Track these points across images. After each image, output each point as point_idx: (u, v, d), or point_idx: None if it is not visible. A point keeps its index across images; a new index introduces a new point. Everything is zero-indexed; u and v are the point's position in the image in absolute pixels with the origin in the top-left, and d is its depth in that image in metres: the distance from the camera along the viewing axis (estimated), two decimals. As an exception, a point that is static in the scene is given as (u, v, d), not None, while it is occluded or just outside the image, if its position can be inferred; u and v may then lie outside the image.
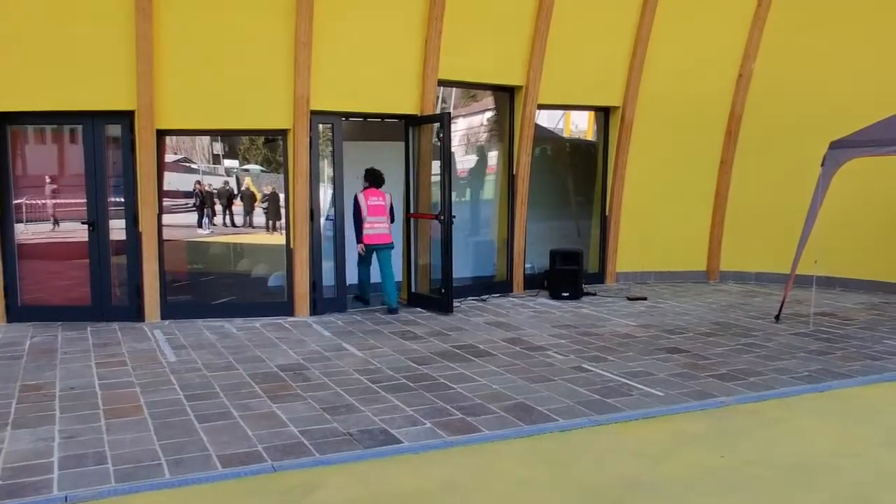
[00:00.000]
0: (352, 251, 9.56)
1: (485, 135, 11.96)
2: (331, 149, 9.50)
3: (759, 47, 11.18)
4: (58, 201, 9.12)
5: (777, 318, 8.96)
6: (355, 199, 9.40)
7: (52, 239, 9.18)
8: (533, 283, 11.00)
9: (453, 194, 9.56)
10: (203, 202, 11.43)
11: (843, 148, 8.42)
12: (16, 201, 8.76)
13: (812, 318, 8.81)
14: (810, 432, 5.36)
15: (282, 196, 9.41)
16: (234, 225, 13.08)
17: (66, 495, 4.24)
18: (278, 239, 9.69)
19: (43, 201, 9.05)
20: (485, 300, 10.28)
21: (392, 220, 9.60)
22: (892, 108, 8.64)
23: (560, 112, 12.03)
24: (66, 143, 9.33)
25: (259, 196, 12.92)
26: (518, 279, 10.92)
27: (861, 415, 5.74)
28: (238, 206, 13.39)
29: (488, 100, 11.38)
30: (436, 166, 9.77)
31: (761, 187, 11.34)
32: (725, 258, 11.88)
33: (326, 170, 10.00)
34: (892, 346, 7.72)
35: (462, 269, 10.42)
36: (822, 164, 8.49)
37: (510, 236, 10.79)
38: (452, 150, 10.12)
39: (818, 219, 8.51)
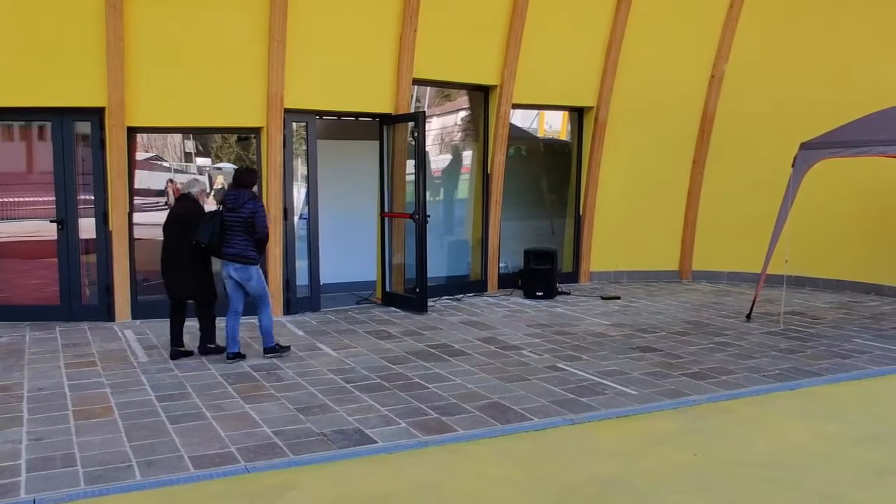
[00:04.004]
0: (326, 250, 9.49)
1: (459, 134, 11.95)
2: (305, 147, 9.44)
3: (731, 49, 11.30)
4: (26, 199, 8.97)
5: (748, 317, 9.05)
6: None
7: (20, 237, 9.01)
8: (507, 282, 11.01)
9: (428, 194, 9.55)
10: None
11: (813, 149, 8.53)
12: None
13: (783, 317, 8.90)
14: (782, 430, 5.42)
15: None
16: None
17: (35, 498, 4.17)
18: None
19: (10, 199, 8.89)
20: (459, 299, 10.27)
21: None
22: (862, 110, 8.75)
23: (534, 112, 12.06)
24: (35, 141, 9.17)
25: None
26: (492, 279, 10.93)
27: (831, 412, 5.81)
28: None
29: (463, 99, 11.37)
30: (410, 165, 9.75)
31: (733, 187, 11.45)
32: (698, 258, 11.98)
33: (300, 168, 9.93)
34: (860, 345, 7.83)
35: (437, 268, 10.40)
36: (793, 165, 8.59)
37: (485, 236, 10.80)
38: (427, 149, 10.10)
39: (788, 219, 8.61)
